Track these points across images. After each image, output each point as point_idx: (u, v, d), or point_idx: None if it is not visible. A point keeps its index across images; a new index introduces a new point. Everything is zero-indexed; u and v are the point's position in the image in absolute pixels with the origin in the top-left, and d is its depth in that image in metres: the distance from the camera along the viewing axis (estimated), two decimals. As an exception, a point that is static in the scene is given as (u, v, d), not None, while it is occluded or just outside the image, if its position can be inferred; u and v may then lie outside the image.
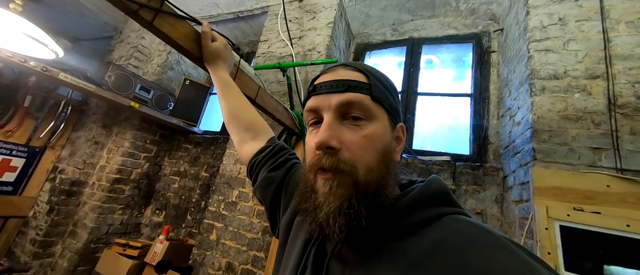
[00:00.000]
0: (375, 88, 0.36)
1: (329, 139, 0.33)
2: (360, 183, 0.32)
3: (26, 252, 2.06)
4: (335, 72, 0.38)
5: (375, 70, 0.40)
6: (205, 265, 1.57)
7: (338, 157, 0.33)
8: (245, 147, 0.64)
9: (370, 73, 0.38)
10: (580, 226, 0.91)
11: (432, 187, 0.35)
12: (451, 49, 2.07)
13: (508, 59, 1.58)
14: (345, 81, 0.36)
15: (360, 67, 0.38)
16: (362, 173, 0.33)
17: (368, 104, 0.35)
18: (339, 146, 0.33)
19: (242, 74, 0.97)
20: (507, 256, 0.25)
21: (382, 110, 0.36)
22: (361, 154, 0.33)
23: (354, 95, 0.35)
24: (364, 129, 0.34)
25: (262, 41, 2.08)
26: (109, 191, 2.20)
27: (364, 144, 0.34)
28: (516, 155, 1.27)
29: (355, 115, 0.35)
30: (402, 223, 0.32)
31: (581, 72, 1.13)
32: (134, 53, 2.59)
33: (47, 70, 1.58)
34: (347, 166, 0.33)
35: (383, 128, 0.36)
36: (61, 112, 2.32)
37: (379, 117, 0.36)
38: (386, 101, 0.37)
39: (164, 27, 0.65)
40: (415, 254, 0.29)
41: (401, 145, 0.39)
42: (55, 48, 1.26)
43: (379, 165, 0.34)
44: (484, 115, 1.69)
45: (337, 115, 0.35)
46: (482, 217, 1.41)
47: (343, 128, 0.35)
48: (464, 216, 0.33)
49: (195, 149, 2.52)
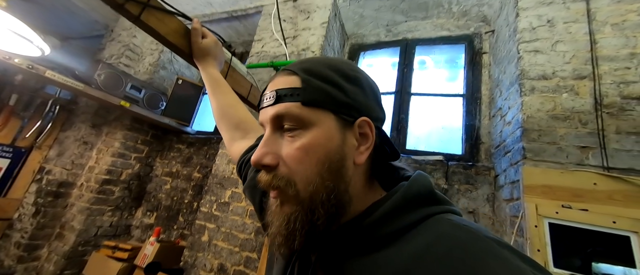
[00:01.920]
0: (310, 90, 0.32)
1: (262, 157, 0.32)
2: (303, 198, 0.31)
3: (10, 255, 2.00)
4: (273, 80, 0.36)
5: (317, 64, 0.34)
6: (197, 267, 1.54)
7: (274, 173, 0.32)
8: (236, 146, 0.63)
9: (308, 72, 0.33)
10: (568, 223, 0.92)
11: (416, 188, 0.32)
12: (444, 50, 2.10)
13: (499, 59, 1.60)
14: (275, 92, 0.33)
15: (297, 68, 0.34)
16: (302, 187, 0.31)
17: (297, 113, 0.31)
18: (274, 163, 0.32)
19: (233, 72, 0.96)
20: (499, 265, 0.24)
21: (322, 113, 0.32)
22: (298, 168, 0.31)
23: (282, 106, 0.32)
24: (298, 139, 0.31)
25: (256, 40, 2.07)
26: (98, 192, 2.15)
27: (299, 156, 0.31)
28: (507, 154, 1.28)
29: (288, 127, 0.32)
30: (386, 231, 0.30)
31: (569, 73, 1.15)
32: (125, 52, 2.54)
33: (33, 68, 1.54)
34: (281, 182, 0.31)
35: (325, 133, 0.31)
36: (49, 111, 2.26)
37: (317, 122, 0.31)
38: (329, 100, 0.32)
39: (152, 21, 0.63)
40: (402, 262, 0.27)
41: (368, 142, 0.33)
42: (40, 45, 1.23)
43: (321, 176, 0.30)
44: (476, 115, 1.72)
45: (275, 129, 0.33)
46: (474, 216, 1.43)
47: (282, 141, 0.33)
48: (450, 213, 0.32)
49: (188, 150, 2.48)
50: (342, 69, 0.35)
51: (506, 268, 0.23)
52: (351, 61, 0.39)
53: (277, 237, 0.31)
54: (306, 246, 0.31)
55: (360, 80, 0.35)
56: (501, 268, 0.23)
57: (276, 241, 0.31)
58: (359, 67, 0.38)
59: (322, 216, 0.30)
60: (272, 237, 0.32)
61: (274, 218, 0.33)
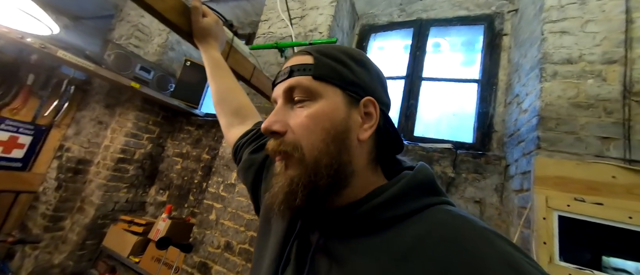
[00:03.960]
0: (320, 66, 0.35)
1: (271, 124, 0.34)
2: (308, 162, 0.32)
3: (38, 225, 2.17)
4: (290, 60, 0.39)
5: (329, 47, 0.38)
6: (205, 243, 1.62)
7: (282, 139, 0.34)
8: (233, 131, 0.62)
9: (318, 52, 0.37)
10: (579, 217, 0.88)
11: (420, 177, 0.34)
12: (461, 31, 1.96)
13: (520, 42, 1.49)
14: (290, 68, 0.36)
15: (311, 49, 0.38)
16: (307, 151, 0.32)
17: (308, 85, 0.34)
18: (283, 130, 0.34)
19: (235, 53, 0.93)
20: (493, 250, 0.26)
21: (330, 87, 0.34)
22: (304, 134, 0.33)
23: (295, 79, 0.35)
24: (306, 109, 0.34)
25: (263, 21, 2.01)
26: (113, 170, 2.26)
27: (307, 123, 0.33)
28: (520, 143, 1.22)
29: (298, 98, 0.35)
30: (388, 215, 0.31)
31: (598, 56, 1.05)
32: (134, 32, 2.55)
33: (45, 47, 1.57)
34: (288, 147, 0.33)
35: (331, 105, 0.34)
36: (65, 91, 2.34)
37: (325, 94, 0.34)
38: (337, 76, 0.35)
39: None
40: (400, 248, 0.29)
41: (372, 121, 0.35)
42: (49, 24, 1.24)
43: (326, 143, 0.32)
44: (491, 102, 1.63)
45: (286, 101, 0.36)
46: (480, 205, 1.40)
47: (291, 113, 0.35)
48: (448, 205, 0.33)
49: (197, 132, 2.53)
50: (351, 52, 0.38)
51: (499, 254, 0.25)
52: (359, 49, 0.44)
53: (279, 194, 0.33)
54: (305, 211, 0.33)
55: (367, 63, 0.38)
56: (494, 252, 0.26)
57: (278, 198, 0.33)
58: (367, 55, 0.41)
59: (324, 178, 0.31)
60: (273, 196, 0.34)
61: (278, 179, 0.34)
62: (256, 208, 0.53)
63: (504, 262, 0.25)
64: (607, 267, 0.87)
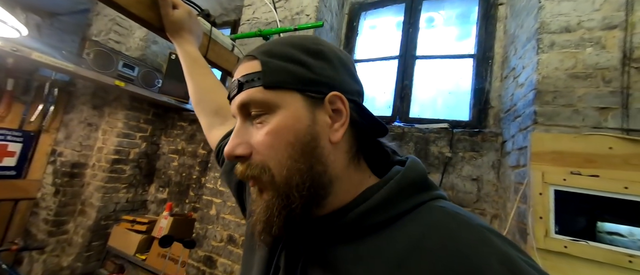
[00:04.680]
0: (270, 72, 0.30)
1: (234, 148, 0.31)
2: (278, 184, 0.30)
3: (41, 230, 2.18)
4: (237, 69, 0.34)
5: (278, 44, 0.33)
6: (208, 238, 1.64)
7: (249, 162, 0.31)
8: (214, 132, 0.59)
9: (266, 54, 0.32)
10: (575, 190, 0.88)
11: (411, 176, 0.31)
12: (455, 3, 1.87)
13: (517, 11, 1.42)
14: (239, 80, 0.32)
15: (257, 52, 0.33)
16: (276, 172, 0.30)
17: (260, 97, 0.30)
18: (247, 152, 0.31)
19: (215, 45, 0.88)
20: (490, 252, 0.25)
21: (287, 94, 0.30)
22: (269, 153, 0.30)
23: (245, 93, 0.31)
24: (266, 125, 0.30)
25: (246, 6, 1.90)
26: (110, 172, 2.24)
27: (269, 141, 0.30)
28: (517, 119, 1.20)
29: (255, 113, 0.31)
30: (378, 219, 0.29)
31: (597, 22, 1.00)
32: (113, 26, 2.42)
33: (18, 50, 1.49)
34: (256, 171, 0.30)
35: (291, 115, 0.30)
36: (48, 94, 2.26)
37: (283, 103, 0.30)
38: (292, 79, 0.30)
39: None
40: (394, 254, 0.27)
41: (343, 118, 0.31)
42: (15, 25, 1.16)
43: (293, 159, 0.29)
44: (487, 77, 1.59)
45: (244, 118, 0.32)
46: (477, 182, 1.40)
47: (252, 129, 0.32)
48: (440, 199, 0.31)
49: (190, 127, 2.48)
50: (304, 44, 0.33)
51: (496, 254, 0.24)
52: (315, 36, 0.37)
53: (257, 224, 0.31)
54: (291, 234, 0.31)
55: (326, 53, 0.33)
56: (492, 254, 0.24)
57: (257, 229, 0.31)
58: (323, 40, 0.35)
59: (297, 200, 0.29)
60: (253, 225, 0.32)
61: (255, 206, 0.32)
62: (243, 210, 0.51)
63: (501, 264, 0.24)
64: (601, 232, 0.88)
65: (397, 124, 1.70)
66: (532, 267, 0.25)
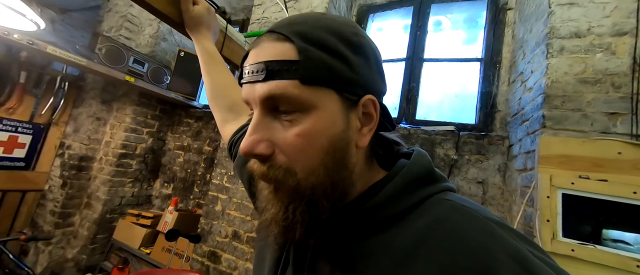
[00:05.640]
0: (309, 63, 0.26)
1: (253, 145, 0.27)
2: (301, 189, 0.27)
3: (48, 222, 2.21)
4: (260, 46, 0.29)
5: (315, 27, 0.28)
6: (213, 233, 1.66)
7: (270, 163, 0.27)
8: (227, 127, 0.60)
9: (304, 38, 0.26)
10: (583, 194, 0.88)
11: (416, 170, 0.30)
12: (463, 7, 1.89)
13: (526, 16, 1.43)
14: (266, 64, 0.27)
15: (289, 31, 0.27)
16: (303, 177, 0.27)
17: (296, 94, 0.26)
18: (269, 151, 0.27)
19: (230, 42, 0.89)
20: (498, 246, 0.24)
21: (323, 92, 0.27)
22: (297, 157, 0.27)
23: (276, 84, 0.26)
24: (297, 125, 0.27)
25: (256, 5, 1.93)
26: (116, 166, 2.27)
27: (300, 143, 0.26)
28: (524, 123, 1.21)
29: (284, 109, 0.27)
30: (385, 215, 0.29)
31: (607, 28, 1.01)
32: (124, 23, 2.46)
33: (33, 43, 1.52)
34: (280, 173, 0.27)
35: (327, 117, 0.27)
36: (59, 88, 2.30)
37: (319, 103, 0.26)
38: (332, 77, 0.27)
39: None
40: (401, 248, 0.26)
41: (372, 123, 0.30)
42: (35, 18, 1.18)
43: (325, 165, 0.27)
44: (494, 81, 1.59)
45: (266, 111, 0.28)
46: (483, 185, 1.41)
47: (276, 124, 0.28)
48: (448, 191, 0.31)
49: (196, 124, 2.51)
50: (346, 33, 0.28)
51: (504, 249, 0.24)
52: (352, 22, 0.32)
53: (273, 226, 0.29)
54: (304, 238, 0.29)
55: (366, 49, 0.29)
56: (500, 248, 0.24)
57: (272, 231, 0.29)
58: (361, 29, 0.31)
59: (327, 208, 0.27)
60: (266, 224, 0.29)
61: (268, 204, 0.29)
62: (255, 203, 0.53)
63: (511, 258, 0.23)
64: (606, 239, 0.88)
65: (403, 125, 1.71)
66: (541, 260, 0.24)
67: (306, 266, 0.31)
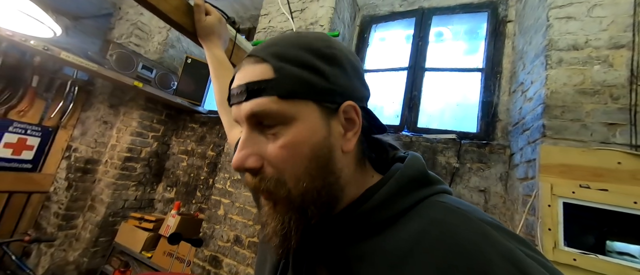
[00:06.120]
0: (285, 79, 0.28)
1: (244, 159, 0.29)
2: (295, 199, 0.29)
3: (51, 224, 2.23)
4: (242, 70, 0.31)
5: (288, 45, 0.30)
6: (215, 237, 1.66)
7: (261, 176, 0.29)
8: (235, 131, 0.63)
9: (279, 57, 0.29)
10: (584, 203, 0.89)
11: (410, 172, 0.31)
12: (464, 19, 1.94)
13: (525, 28, 1.47)
14: (247, 85, 0.29)
15: (265, 53, 0.30)
16: (293, 186, 0.29)
17: (275, 109, 0.28)
18: (259, 164, 0.29)
19: (239, 50, 0.93)
20: (491, 248, 0.24)
21: (302, 104, 0.29)
22: (284, 167, 0.29)
23: (256, 102, 0.28)
24: (280, 137, 0.29)
25: (263, 15, 1.99)
26: (121, 169, 2.30)
27: (285, 154, 0.28)
28: (525, 132, 1.22)
29: (267, 123, 0.29)
30: (379, 218, 0.30)
31: (604, 42, 1.04)
32: (134, 31, 2.54)
33: (48, 49, 1.58)
34: (270, 185, 0.29)
35: (307, 127, 0.29)
36: (69, 92, 2.36)
37: (299, 115, 0.29)
38: (308, 89, 0.29)
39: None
40: (396, 250, 0.27)
41: (356, 127, 0.31)
42: (52, 26, 1.24)
43: (309, 172, 0.29)
44: (495, 91, 1.62)
45: (253, 126, 0.30)
46: (485, 194, 1.41)
47: (262, 138, 0.30)
48: (443, 193, 0.31)
49: (201, 129, 2.55)
50: (317, 47, 0.30)
51: (498, 250, 0.24)
52: (324, 34, 0.35)
53: (273, 238, 0.30)
54: (300, 246, 0.31)
55: (339, 58, 0.31)
56: (493, 249, 0.24)
57: (273, 243, 0.31)
58: (335, 40, 0.33)
59: (316, 214, 0.29)
60: (268, 237, 0.31)
61: (269, 219, 0.31)
62: (259, 207, 0.54)
63: (505, 259, 0.23)
64: (611, 251, 0.88)
65: (405, 133, 1.73)
66: (535, 260, 0.24)
67: (304, 271, 0.32)
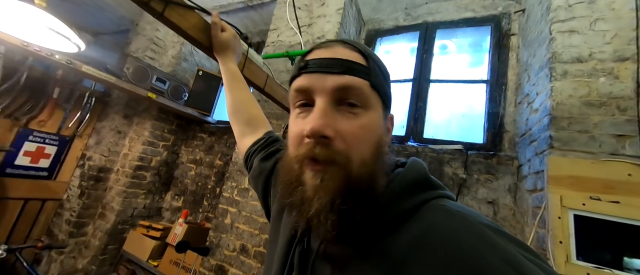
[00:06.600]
0: (375, 73, 0.33)
1: (324, 127, 0.29)
2: (353, 177, 0.30)
3: (63, 231, 2.28)
4: (333, 48, 0.34)
5: (374, 53, 0.36)
6: (221, 246, 1.67)
7: (332, 147, 0.30)
8: (245, 140, 0.66)
9: (370, 56, 0.34)
10: (596, 216, 0.87)
11: (410, 176, 0.33)
12: (468, 32, 1.98)
13: (529, 42, 1.49)
14: (344, 61, 0.31)
15: (360, 47, 0.34)
16: (356, 166, 0.30)
17: (367, 91, 0.32)
18: (334, 135, 0.30)
19: (250, 64, 0.98)
20: (490, 251, 0.24)
21: (378, 99, 0.33)
22: (356, 146, 0.30)
23: (353, 79, 0.31)
24: (360, 117, 0.31)
25: (272, 30, 2.08)
26: (132, 177, 2.36)
27: (360, 134, 0.31)
28: (532, 143, 1.22)
29: (351, 102, 0.31)
30: (383, 219, 0.31)
31: (609, 54, 1.05)
32: (150, 45, 2.67)
33: (71, 63, 1.68)
34: (341, 158, 0.30)
35: (378, 118, 0.33)
36: (86, 103, 2.47)
37: (375, 105, 0.33)
38: (382, 89, 0.34)
39: (174, 17, 0.67)
40: (397, 252, 0.28)
41: (389, 136, 0.37)
42: (77, 41, 1.33)
43: (373, 158, 0.31)
44: (501, 102, 1.63)
45: (332, 100, 0.31)
46: (494, 206, 1.39)
47: (337, 115, 0.31)
48: (445, 198, 0.32)
49: (209, 138, 2.61)
50: (383, 63, 0.37)
51: (498, 253, 0.24)
52: None
53: (324, 213, 0.29)
54: (307, 232, 0.33)
55: (389, 79, 0.38)
56: (492, 253, 0.24)
57: (313, 207, 0.29)
58: None
59: (363, 198, 0.29)
60: (311, 213, 0.30)
61: (317, 195, 0.30)
62: (267, 214, 0.54)
63: (505, 262, 0.23)
64: (630, 269, 0.85)
65: (411, 143, 1.73)
66: (536, 264, 0.24)
67: (309, 269, 0.34)
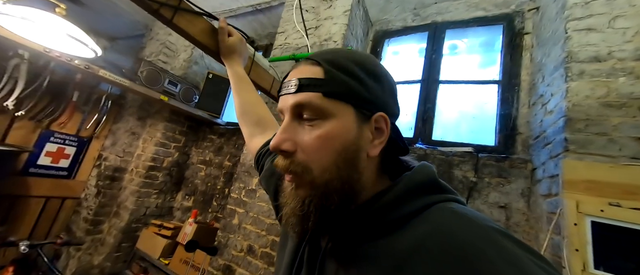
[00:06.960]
0: (332, 82, 0.33)
1: (280, 142, 0.33)
2: (318, 185, 0.32)
3: (80, 228, 2.38)
4: (297, 68, 0.36)
5: (340, 57, 0.35)
6: (229, 246, 1.69)
7: (292, 159, 0.33)
8: (254, 141, 0.67)
9: (330, 63, 0.34)
10: (616, 223, 0.83)
11: (418, 178, 0.33)
12: (478, 32, 1.93)
13: (543, 41, 1.44)
14: (298, 80, 0.34)
15: (320, 58, 0.35)
16: (318, 174, 0.32)
17: (318, 104, 0.32)
18: (293, 148, 0.33)
19: (257, 67, 1.00)
20: (496, 253, 0.24)
21: (342, 105, 0.33)
22: (315, 156, 0.32)
23: (303, 95, 0.33)
24: (317, 129, 0.33)
25: (279, 33, 2.10)
26: (145, 177, 2.43)
27: (317, 145, 0.32)
28: (547, 146, 1.17)
29: (307, 116, 0.33)
30: (388, 218, 0.31)
31: (629, 53, 1.00)
32: (163, 49, 2.76)
33: (89, 67, 1.76)
34: (298, 168, 0.33)
35: (342, 125, 0.33)
36: (103, 105, 2.58)
37: (337, 113, 0.33)
38: (350, 94, 0.33)
39: (182, 23, 0.69)
40: (401, 252, 0.29)
41: (383, 137, 0.35)
42: (94, 47, 1.40)
43: (337, 165, 0.32)
44: (513, 103, 1.57)
45: (294, 117, 0.34)
46: (506, 211, 1.34)
47: (299, 129, 0.34)
48: (453, 202, 0.32)
49: (219, 140, 2.66)
50: (365, 64, 0.35)
51: (503, 255, 0.24)
52: (373, 57, 0.40)
53: (291, 217, 0.34)
54: (317, 230, 0.34)
55: (382, 78, 0.36)
56: (498, 255, 0.24)
57: (290, 221, 0.34)
58: (380, 63, 0.39)
59: (336, 202, 0.32)
60: (286, 216, 0.35)
61: (289, 199, 0.35)
62: (278, 214, 0.56)
63: (511, 265, 0.23)
64: None
65: (419, 145, 1.70)
66: (545, 270, 0.24)
67: (317, 265, 0.36)
